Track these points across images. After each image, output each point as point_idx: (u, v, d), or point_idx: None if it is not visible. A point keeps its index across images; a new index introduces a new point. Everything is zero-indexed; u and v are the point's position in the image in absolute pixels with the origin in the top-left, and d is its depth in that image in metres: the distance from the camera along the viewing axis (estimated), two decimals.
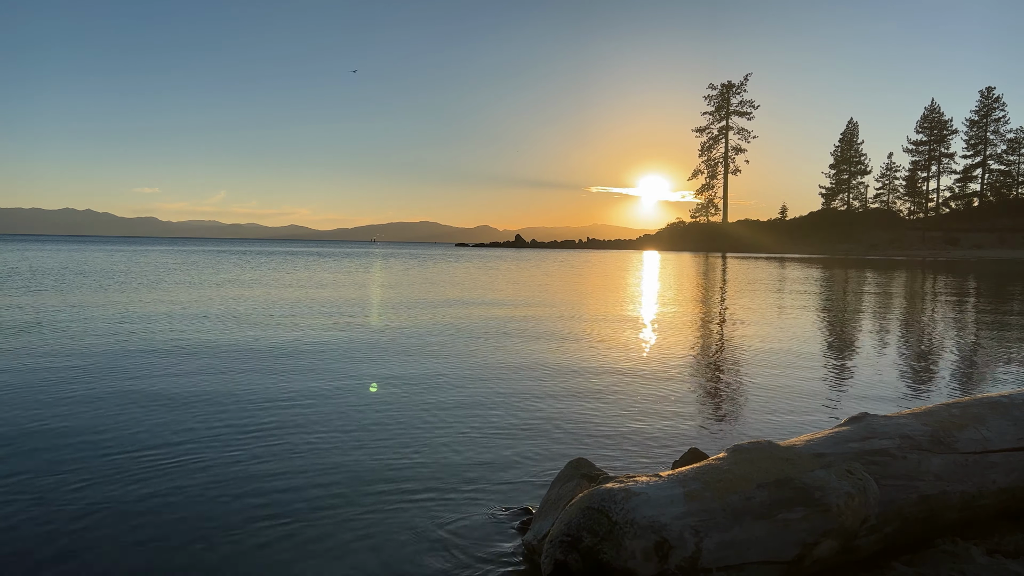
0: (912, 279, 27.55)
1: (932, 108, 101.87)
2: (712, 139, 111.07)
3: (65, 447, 3.86)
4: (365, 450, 3.92)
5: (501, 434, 4.30)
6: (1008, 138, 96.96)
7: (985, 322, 11.80)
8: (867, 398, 5.53)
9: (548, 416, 4.77)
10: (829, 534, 2.23)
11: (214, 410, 4.73)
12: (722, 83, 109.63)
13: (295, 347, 7.57)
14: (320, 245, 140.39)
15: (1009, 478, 2.79)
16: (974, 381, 6.49)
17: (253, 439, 4.08)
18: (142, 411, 4.66)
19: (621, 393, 5.55)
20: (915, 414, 2.87)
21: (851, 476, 2.33)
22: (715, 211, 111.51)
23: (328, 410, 4.81)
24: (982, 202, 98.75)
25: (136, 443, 3.95)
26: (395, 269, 29.45)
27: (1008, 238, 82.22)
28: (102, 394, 5.13)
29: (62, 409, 4.68)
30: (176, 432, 4.18)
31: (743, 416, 4.91)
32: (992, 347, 8.69)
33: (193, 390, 5.33)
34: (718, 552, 2.06)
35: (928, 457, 2.62)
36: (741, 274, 29.30)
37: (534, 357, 7.26)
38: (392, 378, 6.01)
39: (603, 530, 2.03)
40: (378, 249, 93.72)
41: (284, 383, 5.67)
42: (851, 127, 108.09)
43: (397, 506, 3.13)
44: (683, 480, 2.21)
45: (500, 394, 5.44)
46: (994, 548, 2.59)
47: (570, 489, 2.65)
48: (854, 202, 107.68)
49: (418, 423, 4.53)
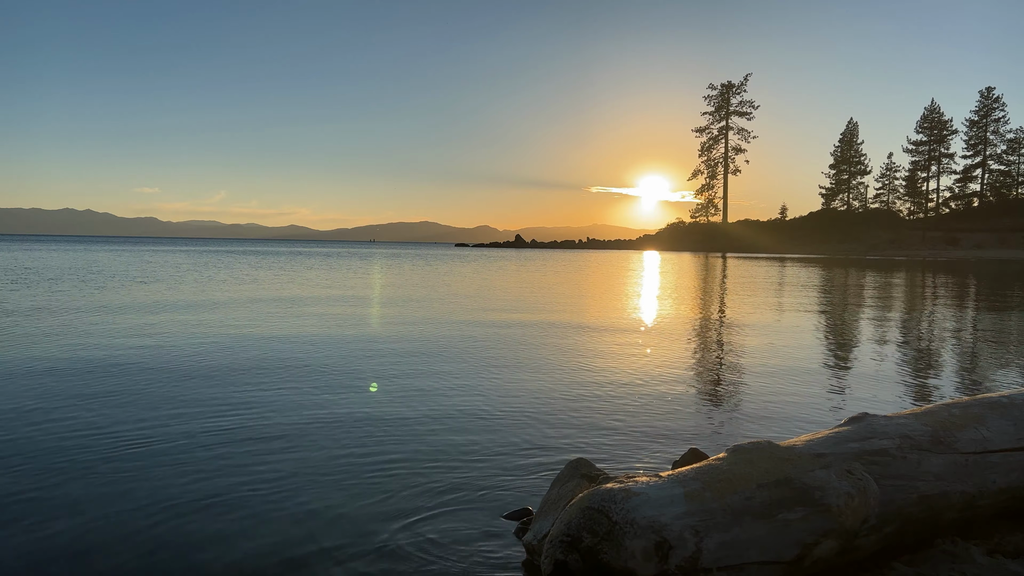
0: (912, 279, 27.55)
1: (932, 108, 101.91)
2: (712, 139, 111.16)
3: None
4: (364, 450, 3.92)
5: (500, 434, 4.30)
6: (1008, 138, 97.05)
7: (985, 322, 11.80)
8: (867, 398, 5.53)
9: (548, 416, 4.77)
10: (829, 534, 2.23)
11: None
12: (722, 83, 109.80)
13: (313, 348, 7.57)
14: (321, 245, 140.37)
15: (1009, 478, 2.79)
16: (974, 381, 6.49)
17: (249, 443, 4.09)
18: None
19: (621, 393, 5.55)
20: (915, 414, 2.87)
21: (851, 476, 2.33)
22: (715, 211, 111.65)
23: (329, 410, 4.81)
24: (982, 202, 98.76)
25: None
26: (414, 271, 29.45)
27: (1008, 238, 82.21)
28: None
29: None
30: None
31: (743, 416, 4.91)
32: (992, 347, 8.69)
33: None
34: (718, 552, 2.06)
35: (928, 457, 2.62)
36: (741, 274, 29.30)
37: (534, 357, 7.26)
38: (392, 378, 6.01)
39: (603, 530, 2.03)
40: (380, 249, 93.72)
41: (287, 382, 5.68)
42: (851, 127, 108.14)
43: (396, 506, 3.13)
44: (683, 480, 2.21)
45: (500, 394, 5.44)
46: (994, 548, 2.59)
47: (570, 489, 2.65)
48: (854, 202, 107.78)
49: (417, 423, 4.52)
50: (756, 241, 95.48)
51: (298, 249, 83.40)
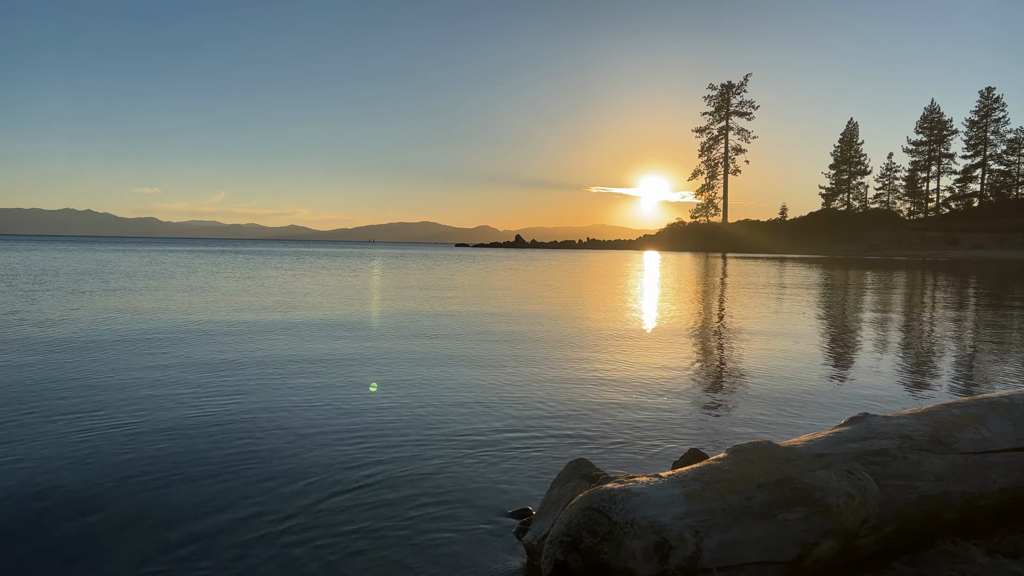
0: (912, 279, 27.55)
1: (932, 108, 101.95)
2: (712, 139, 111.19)
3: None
4: (363, 450, 3.92)
5: (501, 434, 4.30)
6: (1008, 138, 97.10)
7: (985, 322, 11.80)
8: (867, 398, 5.53)
9: (548, 416, 4.77)
10: (829, 534, 2.23)
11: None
12: (722, 83, 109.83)
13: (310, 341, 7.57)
14: (322, 245, 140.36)
15: (1009, 478, 2.79)
16: (974, 381, 6.49)
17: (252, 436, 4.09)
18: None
19: (621, 393, 5.55)
20: (915, 414, 2.87)
21: (851, 476, 2.33)
22: (715, 211, 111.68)
23: (326, 410, 4.82)
24: (982, 202, 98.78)
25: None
26: (420, 271, 29.44)
27: (1008, 238, 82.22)
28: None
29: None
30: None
31: (743, 416, 4.91)
32: (992, 347, 8.69)
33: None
34: (718, 552, 2.06)
35: (928, 457, 2.62)
36: (741, 274, 29.30)
37: (533, 357, 7.26)
38: (391, 378, 6.01)
39: (603, 530, 2.03)
40: (381, 249, 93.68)
41: (287, 376, 5.68)
42: (851, 127, 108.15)
43: (395, 506, 3.13)
44: (683, 480, 2.21)
45: (500, 394, 5.44)
46: (994, 548, 2.59)
47: (570, 489, 2.66)
48: (854, 202, 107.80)
49: (416, 423, 4.52)
50: (756, 241, 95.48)
51: (301, 249, 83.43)
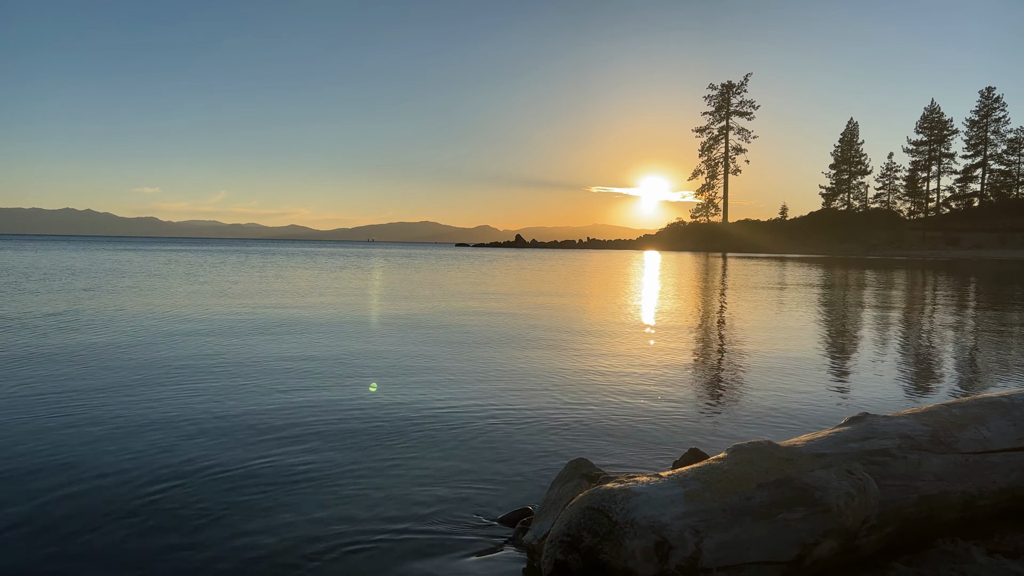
0: (912, 279, 27.55)
1: (932, 108, 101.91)
2: (712, 139, 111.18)
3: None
4: (362, 449, 3.92)
5: (501, 434, 4.30)
6: (1008, 138, 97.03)
7: (985, 322, 11.80)
8: (867, 398, 5.52)
9: (548, 416, 4.77)
10: (829, 534, 2.23)
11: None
12: (722, 83, 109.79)
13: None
14: (322, 245, 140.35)
15: (1009, 478, 2.79)
16: (974, 381, 6.49)
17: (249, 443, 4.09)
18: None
19: (621, 393, 5.55)
20: (915, 414, 2.87)
21: (851, 476, 2.33)
22: (715, 211, 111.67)
23: (325, 410, 4.82)
24: (982, 202, 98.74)
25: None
26: (431, 270, 29.43)
27: (1008, 238, 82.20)
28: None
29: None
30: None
31: (743, 416, 4.91)
32: (992, 347, 8.68)
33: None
34: (718, 552, 2.06)
35: (928, 457, 2.62)
36: (741, 274, 29.30)
37: (533, 357, 7.26)
38: (391, 378, 6.01)
39: (603, 530, 2.03)
40: (380, 249, 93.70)
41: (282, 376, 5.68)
42: (851, 127, 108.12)
43: (394, 506, 3.13)
44: (683, 480, 2.21)
45: (499, 394, 5.44)
46: (994, 548, 2.59)
47: (570, 489, 2.66)
48: (854, 202, 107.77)
49: (416, 423, 4.52)
50: (756, 241, 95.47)
51: (305, 248, 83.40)
